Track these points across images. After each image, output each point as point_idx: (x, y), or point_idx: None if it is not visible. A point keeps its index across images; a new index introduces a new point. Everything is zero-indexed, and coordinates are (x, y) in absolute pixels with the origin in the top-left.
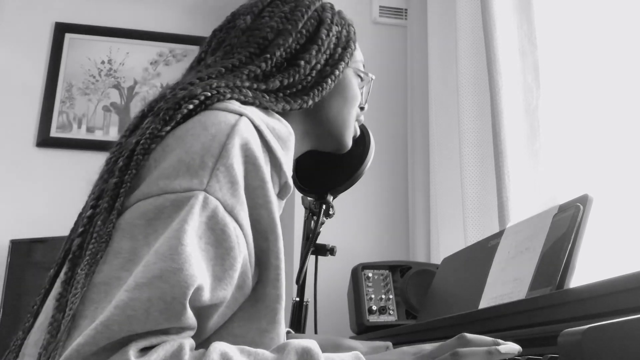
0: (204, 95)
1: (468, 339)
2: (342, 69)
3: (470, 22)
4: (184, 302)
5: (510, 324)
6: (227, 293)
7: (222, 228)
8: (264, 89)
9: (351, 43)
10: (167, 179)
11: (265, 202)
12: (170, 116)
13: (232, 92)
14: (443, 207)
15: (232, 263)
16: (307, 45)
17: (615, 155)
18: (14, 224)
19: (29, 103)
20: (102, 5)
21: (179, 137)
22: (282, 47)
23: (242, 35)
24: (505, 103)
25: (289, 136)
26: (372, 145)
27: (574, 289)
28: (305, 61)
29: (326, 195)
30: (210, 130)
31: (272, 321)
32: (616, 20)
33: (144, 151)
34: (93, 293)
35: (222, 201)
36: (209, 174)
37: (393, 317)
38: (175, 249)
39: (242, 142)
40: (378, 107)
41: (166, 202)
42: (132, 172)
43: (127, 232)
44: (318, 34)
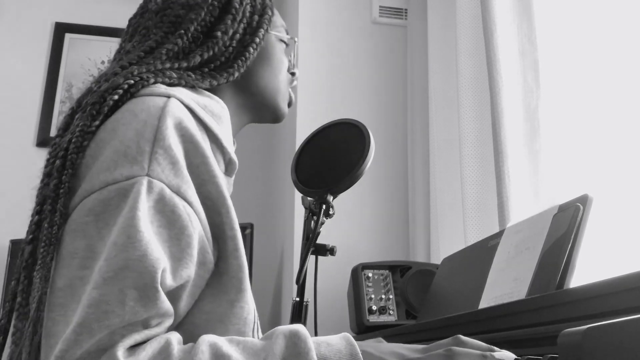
0: (127, 84)
1: (463, 341)
2: (262, 35)
3: (470, 22)
4: (156, 285)
5: (510, 324)
6: (190, 271)
7: (172, 209)
8: (186, 66)
9: (267, 9)
10: (107, 171)
11: (210, 177)
12: (98, 110)
13: (155, 76)
14: (443, 207)
15: (189, 241)
16: (221, 16)
17: (615, 155)
18: (14, 224)
19: (29, 103)
20: (102, 5)
21: (111, 129)
22: (195, 21)
23: (155, 16)
24: (505, 103)
25: (221, 111)
26: (372, 145)
27: (574, 289)
28: (222, 32)
29: (326, 195)
30: (141, 116)
31: (239, 290)
32: (616, 20)
33: (77, 150)
34: (59, 298)
35: (167, 182)
36: (148, 158)
37: (393, 317)
38: (134, 237)
39: (175, 122)
40: (378, 107)
41: (111, 194)
42: (69, 172)
43: (78, 231)
44: (231, 4)
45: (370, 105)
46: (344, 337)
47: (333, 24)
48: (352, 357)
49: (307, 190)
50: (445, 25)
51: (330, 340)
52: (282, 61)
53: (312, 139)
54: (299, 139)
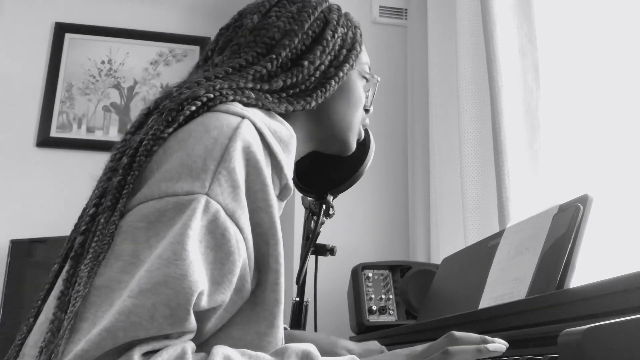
0: (206, 97)
1: (456, 337)
2: (346, 70)
3: (470, 22)
4: (188, 308)
5: (510, 324)
6: (226, 297)
7: (223, 232)
8: (267, 89)
9: (357, 45)
10: (169, 181)
11: (266, 206)
12: (173, 117)
13: (234, 94)
14: (443, 207)
15: (231, 267)
16: (312, 46)
17: (615, 155)
18: (14, 224)
19: (29, 103)
20: (102, 5)
21: (181, 139)
22: (288, 48)
23: (249, 34)
24: (505, 103)
25: (290, 139)
26: (372, 145)
27: (574, 289)
28: (309, 62)
29: (326, 195)
30: (212, 132)
31: (271, 325)
32: (616, 20)
33: (146, 152)
34: (94, 296)
35: (224, 205)
36: (211, 178)
37: (393, 317)
38: (180, 255)
39: (244, 145)
40: (378, 107)
41: (168, 205)
42: (135, 174)
43: (128, 234)
44: (323, 35)
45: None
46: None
47: None
48: None
49: (307, 190)
50: (445, 25)
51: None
52: (361, 98)
53: None
54: None
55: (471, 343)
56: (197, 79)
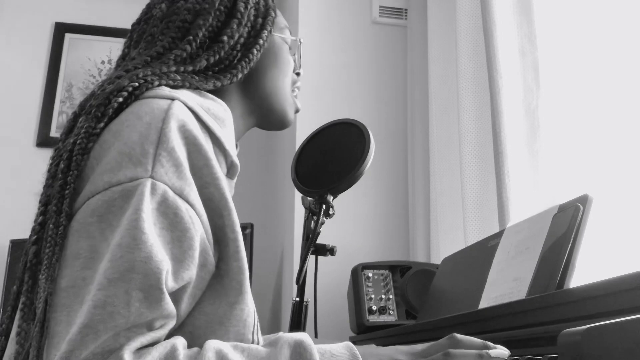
0: (131, 86)
1: (458, 340)
2: (265, 37)
3: (470, 22)
4: (161, 287)
5: (510, 324)
6: (192, 273)
7: (175, 211)
8: (192, 70)
9: (270, 11)
10: (111, 172)
11: (213, 179)
12: (102, 112)
13: (159, 79)
14: (443, 207)
15: (190, 243)
16: (227, 21)
17: (615, 155)
18: (14, 224)
19: (29, 103)
20: (102, 5)
21: (115, 131)
22: (203, 27)
23: (161, 22)
24: (505, 103)
25: (225, 114)
26: (372, 145)
27: (574, 289)
28: (228, 36)
29: (326, 195)
30: (145, 118)
31: (239, 292)
32: (616, 21)
33: (82, 151)
34: (62, 298)
35: (170, 185)
36: (152, 160)
37: (393, 317)
38: (139, 239)
39: (178, 125)
40: (378, 107)
41: (114, 195)
42: (74, 173)
43: (82, 232)
44: (236, 7)
45: (370, 106)
46: (347, 347)
47: (333, 24)
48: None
49: (307, 190)
50: (445, 25)
51: (333, 350)
52: (289, 62)
53: (312, 139)
54: (299, 139)
55: (473, 347)
56: (118, 74)
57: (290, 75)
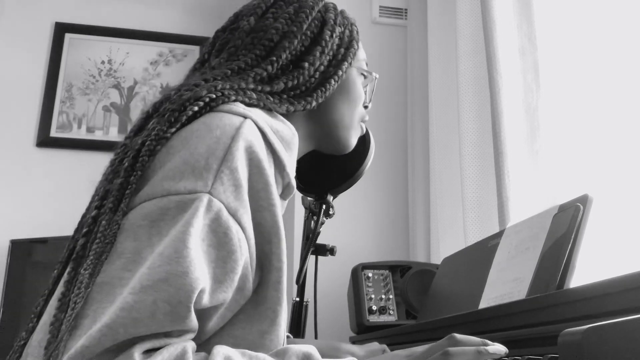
0: (208, 97)
1: (457, 339)
2: (345, 69)
3: (470, 22)
4: (189, 305)
5: (510, 324)
6: (227, 295)
7: (225, 231)
8: (269, 90)
9: (354, 43)
10: (172, 180)
11: (268, 205)
12: (176, 118)
13: (236, 94)
14: (443, 207)
15: (234, 266)
16: (311, 47)
17: (615, 155)
18: (14, 224)
19: (29, 103)
20: (102, 5)
21: (184, 138)
22: (287, 50)
23: (247, 37)
24: (505, 103)
25: (292, 138)
26: (372, 145)
27: (574, 289)
28: (310, 63)
29: (326, 195)
30: (215, 132)
31: (273, 323)
32: (616, 21)
33: (149, 152)
34: (95, 292)
35: (226, 204)
36: (214, 177)
37: (393, 317)
38: (181, 252)
39: (246, 145)
40: (378, 107)
41: (170, 204)
42: (138, 174)
43: (130, 232)
44: (322, 36)
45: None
46: None
47: None
48: None
49: (306, 190)
50: (445, 25)
51: None
52: (360, 95)
53: None
54: None
55: (472, 345)
56: (196, 82)
57: (359, 108)
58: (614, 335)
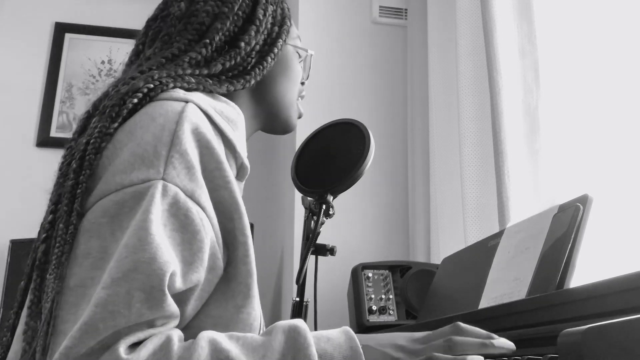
0: (147, 88)
1: (462, 328)
2: (280, 46)
3: (470, 22)
4: (163, 289)
5: (510, 324)
6: (200, 276)
7: (185, 213)
8: (207, 73)
9: (286, 20)
10: (124, 173)
11: (224, 183)
12: (117, 112)
13: (174, 81)
14: (443, 207)
15: (200, 246)
16: (245, 26)
17: (615, 155)
18: (14, 224)
19: (29, 103)
20: (102, 5)
21: (129, 131)
22: (220, 31)
23: (179, 23)
24: (505, 103)
25: (237, 116)
26: (372, 145)
27: (574, 289)
28: (245, 42)
29: (326, 195)
30: (159, 120)
31: (247, 296)
32: (616, 21)
33: (95, 150)
34: (70, 297)
35: (182, 187)
36: (164, 162)
37: (393, 317)
38: (145, 239)
39: (192, 127)
40: (378, 107)
41: (126, 196)
42: (87, 173)
43: (93, 232)
44: (255, 14)
45: (370, 105)
46: (344, 331)
47: (333, 24)
48: (352, 351)
49: (307, 190)
50: (445, 25)
51: (330, 334)
52: (299, 72)
53: (312, 139)
54: (299, 139)
55: (477, 337)
56: (132, 74)
57: (298, 85)
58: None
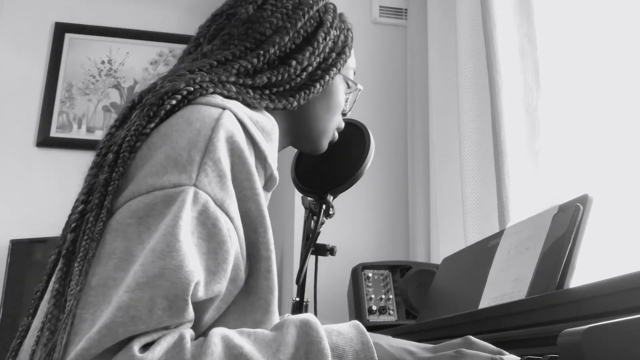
0: (186, 90)
1: (472, 341)
2: (333, 75)
3: (470, 22)
4: (186, 298)
5: (510, 324)
6: (222, 286)
7: (214, 222)
8: (250, 84)
9: (347, 49)
10: (156, 175)
11: (253, 195)
12: (154, 112)
13: (214, 87)
14: (443, 207)
15: (225, 257)
16: (302, 46)
17: (615, 155)
18: (14, 224)
19: (29, 103)
20: (102, 5)
21: (164, 134)
22: (277, 45)
23: (242, 26)
24: (505, 103)
25: (272, 128)
26: (372, 145)
27: (574, 289)
28: (297, 62)
29: (326, 195)
30: (195, 125)
31: (266, 312)
32: (616, 21)
33: (129, 149)
34: (90, 296)
35: (212, 195)
36: (197, 169)
37: (393, 317)
38: (173, 246)
39: (227, 135)
40: (378, 107)
41: (156, 199)
42: (120, 170)
43: (119, 232)
44: (315, 36)
45: (370, 105)
46: (354, 325)
47: None
48: (363, 345)
49: (307, 190)
50: (445, 25)
51: (340, 328)
52: (341, 104)
53: None
54: None
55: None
56: (180, 72)
57: (338, 116)
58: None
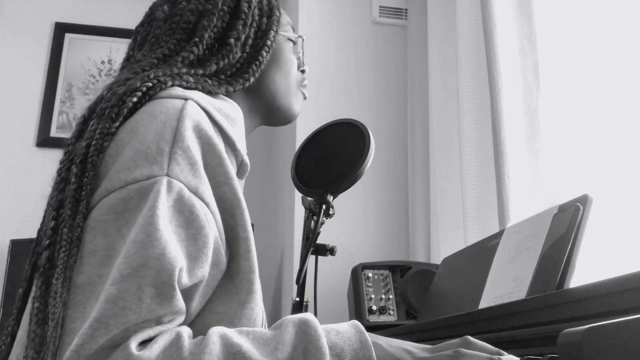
0: (145, 87)
1: (471, 342)
2: (272, 37)
3: (470, 22)
4: (173, 284)
5: (510, 324)
6: (205, 271)
7: (190, 209)
8: (202, 73)
9: (274, 10)
10: (127, 170)
11: (226, 179)
12: (117, 113)
13: (173, 79)
14: (443, 207)
15: (205, 241)
16: (232, 22)
17: (615, 155)
18: (14, 224)
19: (29, 103)
20: (102, 5)
21: (131, 129)
22: (208, 28)
23: (164, 24)
24: (505, 103)
25: (236, 114)
26: (372, 145)
27: (574, 289)
28: (235, 38)
29: (326, 195)
30: (160, 117)
31: (250, 292)
32: (616, 21)
33: (97, 151)
34: (77, 295)
35: (185, 182)
36: (168, 159)
37: (393, 317)
38: (153, 235)
39: (193, 124)
40: (378, 107)
41: (131, 193)
42: (90, 174)
43: (98, 229)
44: (240, 8)
45: (370, 105)
46: (353, 325)
47: (333, 23)
48: (362, 344)
49: (307, 190)
50: (445, 25)
51: (339, 327)
52: (292, 61)
53: (312, 138)
54: (299, 138)
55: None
56: (126, 76)
57: (294, 73)
58: (613, 335)
